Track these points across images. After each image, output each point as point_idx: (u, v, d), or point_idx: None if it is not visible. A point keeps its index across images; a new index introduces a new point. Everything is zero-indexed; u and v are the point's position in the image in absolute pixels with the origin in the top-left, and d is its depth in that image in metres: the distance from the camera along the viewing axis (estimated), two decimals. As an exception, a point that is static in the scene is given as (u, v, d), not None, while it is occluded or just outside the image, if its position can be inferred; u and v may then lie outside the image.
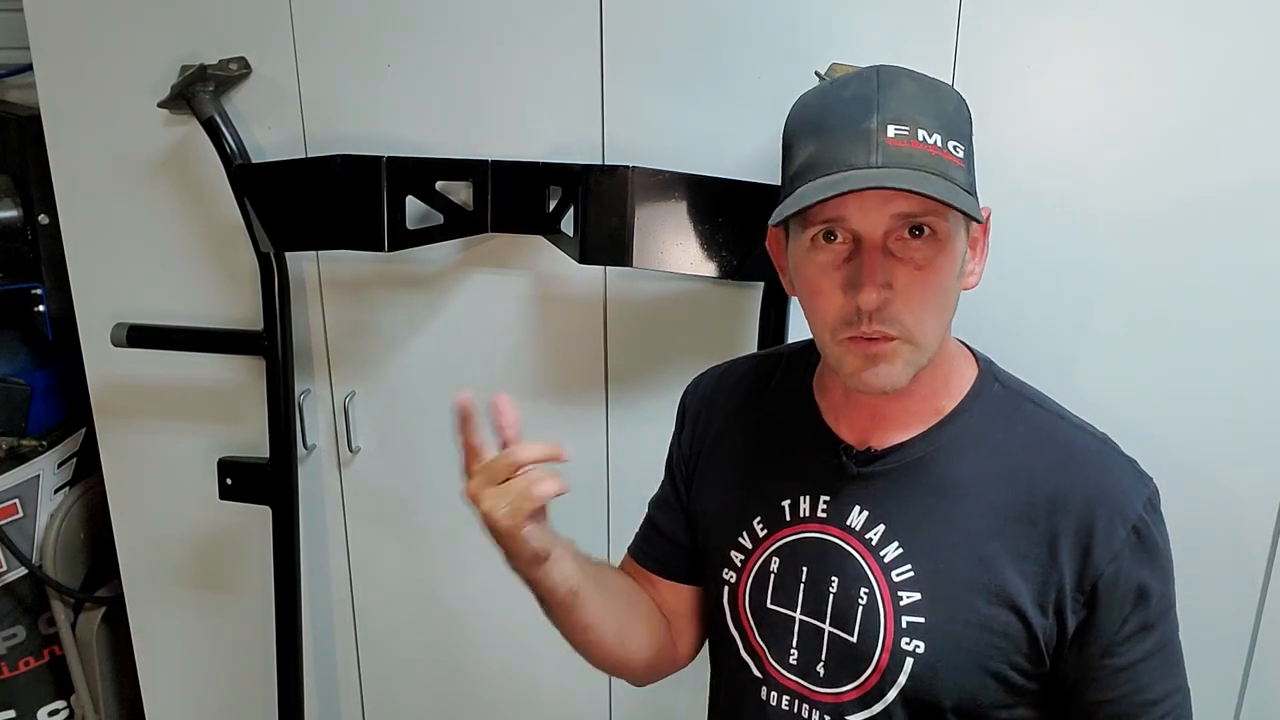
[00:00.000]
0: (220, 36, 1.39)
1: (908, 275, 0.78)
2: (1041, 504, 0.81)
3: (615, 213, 1.24)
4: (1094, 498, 0.81)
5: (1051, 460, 0.84)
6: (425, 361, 1.48)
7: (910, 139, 0.76)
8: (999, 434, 0.86)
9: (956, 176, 0.77)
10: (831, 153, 0.78)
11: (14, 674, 1.77)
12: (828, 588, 0.87)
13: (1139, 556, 0.80)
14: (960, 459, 0.85)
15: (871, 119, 0.77)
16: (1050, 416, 0.87)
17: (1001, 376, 0.90)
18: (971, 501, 0.83)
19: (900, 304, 0.78)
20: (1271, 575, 1.25)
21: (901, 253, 0.78)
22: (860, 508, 0.87)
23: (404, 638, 1.65)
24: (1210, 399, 1.21)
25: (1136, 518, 0.80)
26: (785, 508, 0.91)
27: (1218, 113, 1.13)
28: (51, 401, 1.72)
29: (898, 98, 0.78)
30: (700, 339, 1.37)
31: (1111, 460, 0.85)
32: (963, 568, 0.82)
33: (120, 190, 1.50)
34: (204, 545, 1.67)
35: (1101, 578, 0.80)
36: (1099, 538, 0.80)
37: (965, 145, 0.80)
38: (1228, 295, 1.18)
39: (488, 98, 1.34)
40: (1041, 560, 0.81)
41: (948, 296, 0.81)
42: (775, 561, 0.91)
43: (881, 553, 0.85)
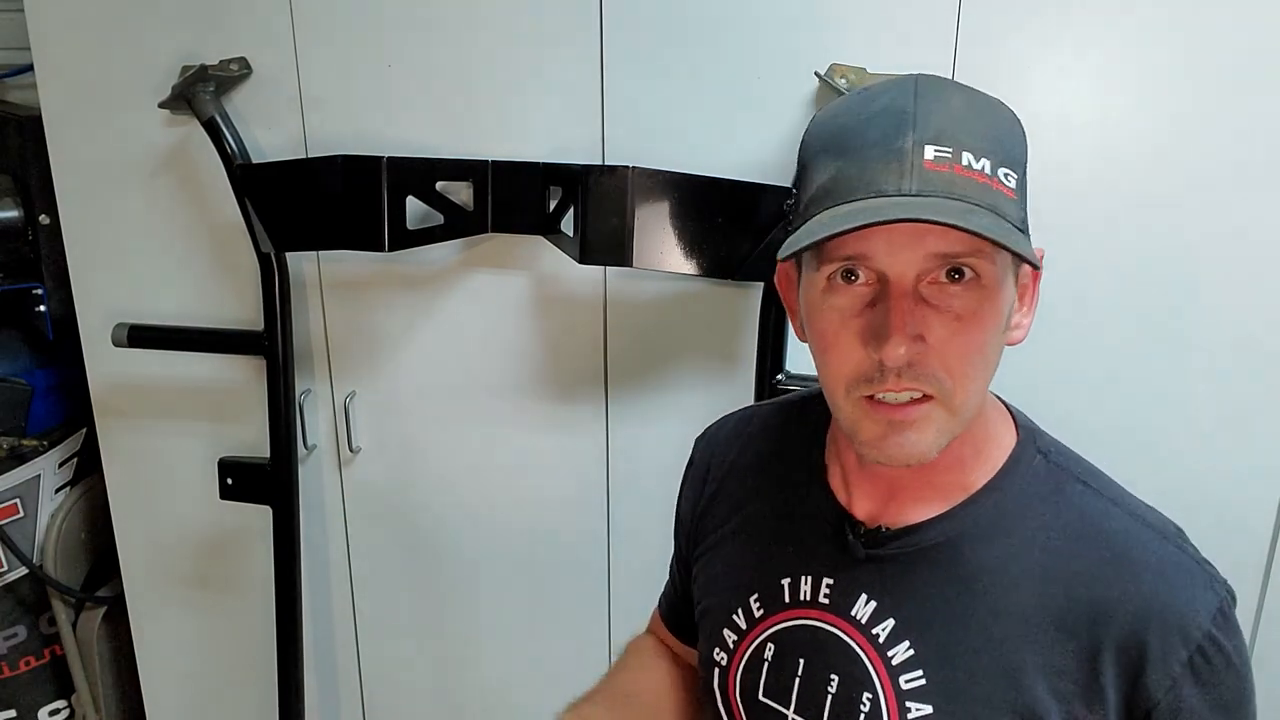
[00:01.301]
0: (220, 36, 1.39)
1: (945, 326, 0.64)
2: (1083, 611, 0.67)
3: (615, 213, 1.24)
4: (1148, 609, 0.66)
5: (1098, 558, 0.69)
6: (425, 361, 1.48)
7: (953, 163, 0.63)
8: (1036, 519, 0.71)
9: (1007, 211, 0.63)
10: (856, 176, 0.64)
11: (15, 673, 1.77)
12: (826, 687, 0.75)
13: (1206, 685, 0.66)
14: (988, 546, 0.71)
15: (907, 137, 0.63)
16: (1101, 501, 0.72)
17: (1045, 446, 0.75)
18: (999, 599, 0.70)
19: (935, 360, 0.65)
20: (1271, 575, 1.25)
21: (937, 300, 0.65)
22: (868, 596, 0.74)
23: (404, 637, 1.65)
24: (1210, 398, 1.21)
25: (1203, 636, 0.66)
26: (784, 587, 0.78)
27: (1218, 112, 1.13)
28: (52, 401, 1.72)
29: (940, 113, 0.64)
30: (700, 339, 1.37)
31: (1172, 561, 0.69)
32: (984, 679, 0.69)
33: (121, 190, 1.50)
34: (204, 545, 1.67)
35: (1155, 709, 0.66)
36: (1153, 659, 0.65)
37: (1019, 175, 0.66)
38: (1228, 295, 1.18)
39: (488, 98, 1.34)
40: (1081, 681, 0.67)
41: (991, 355, 0.67)
42: (770, 648, 0.78)
43: (889, 653, 0.72)
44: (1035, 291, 0.73)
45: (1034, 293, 0.73)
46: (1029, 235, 0.67)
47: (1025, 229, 0.66)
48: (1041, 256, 0.69)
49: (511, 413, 1.47)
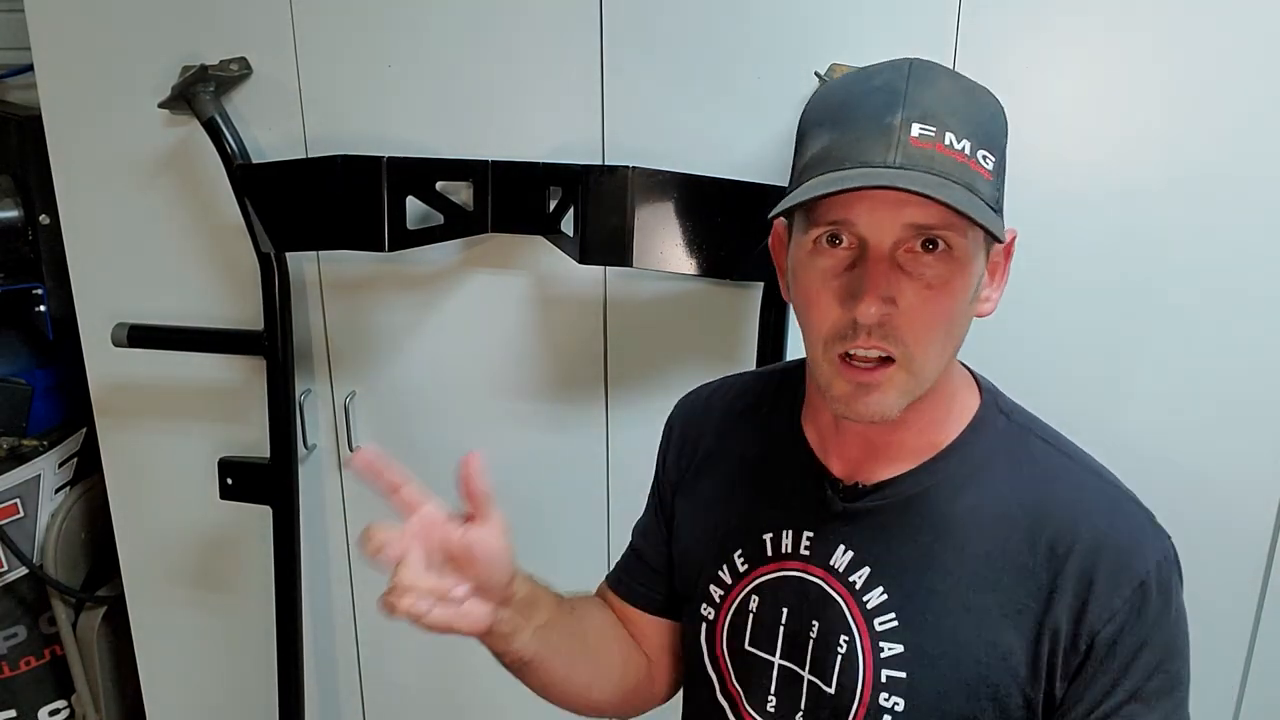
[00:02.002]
0: (220, 36, 1.39)
1: (915, 293, 0.69)
2: (1042, 550, 0.74)
3: (615, 213, 1.24)
4: (1098, 547, 0.73)
5: (1055, 503, 0.75)
6: (425, 361, 1.48)
7: (936, 141, 0.68)
8: (1000, 472, 0.78)
9: (983, 190, 0.69)
10: (847, 146, 0.69)
11: (15, 673, 1.78)
12: (808, 632, 0.80)
13: (1144, 618, 0.72)
14: (955, 498, 0.77)
15: (897, 114, 0.68)
16: (1059, 456, 0.79)
17: (1007, 408, 0.82)
18: (965, 545, 0.76)
19: (903, 323, 0.70)
20: (1271, 575, 1.25)
21: (911, 267, 0.70)
22: (845, 547, 0.79)
23: (404, 638, 1.64)
24: (1210, 398, 1.21)
25: (1145, 574, 0.72)
26: (767, 542, 0.83)
27: (1219, 110, 1.13)
28: (52, 401, 1.72)
29: (930, 94, 0.69)
30: (700, 339, 1.37)
31: (1122, 507, 0.77)
32: (951, 618, 0.75)
33: (121, 190, 1.50)
34: (204, 545, 1.67)
35: (1098, 636, 0.72)
36: (1099, 592, 0.72)
37: (997, 157, 0.71)
38: (1227, 295, 1.18)
39: (488, 98, 1.34)
40: (1036, 613, 0.73)
41: (957, 322, 0.73)
42: (754, 600, 0.83)
43: (865, 598, 0.78)
44: (1006, 269, 0.78)
45: (1004, 270, 0.78)
46: (1001, 214, 0.72)
47: (998, 208, 0.71)
48: (1014, 238, 0.77)
49: (511, 413, 1.47)
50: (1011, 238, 0.77)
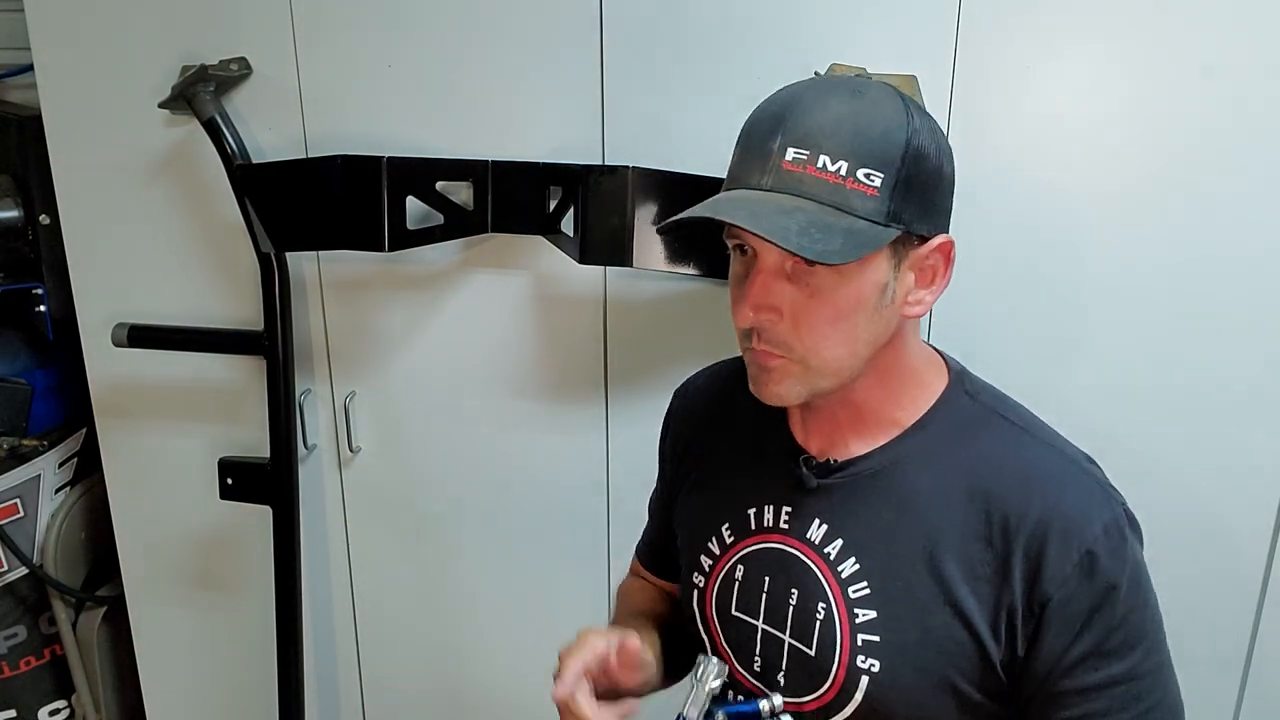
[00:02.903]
0: (220, 36, 1.39)
1: (800, 300, 0.77)
2: (998, 523, 0.79)
3: (615, 213, 1.24)
4: (1047, 518, 0.78)
5: (1010, 478, 0.81)
6: (425, 361, 1.48)
7: (809, 164, 0.74)
8: (960, 449, 0.83)
9: (858, 206, 0.74)
10: (737, 167, 0.79)
11: (15, 673, 1.78)
12: (788, 599, 0.86)
13: (1093, 582, 0.77)
14: (920, 473, 0.83)
15: (776, 139, 0.76)
16: (1016, 431, 0.84)
17: (973, 388, 0.87)
18: (929, 517, 0.82)
19: (788, 328, 0.77)
20: (1271, 575, 1.25)
21: (798, 277, 0.77)
22: (820, 521, 0.86)
23: (404, 638, 1.65)
24: (1211, 399, 1.21)
25: (1092, 540, 0.77)
26: (750, 516, 0.90)
27: (1218, 111, 1.13)
28: (52, 401, 1.72)
29: (811, 118, 0.75)
30: (700, 339, 1.36)
31: (1073, 479, 0.81)
32: (918, 585, 0.81)
33: (121, 190, 1.50)
34: (204, 545, 1.67)
35: (1050, 601, 0.77)
36: (1049, 560, 0.77)
37: (888, 173, 0.74)
38: (1226, 296, 1.18)
39: (488, 98, 1.34)
40: (995, 582, 0.79)
41: (851, 326, 0.78)
42: (740, 569, 0.90)
43: (839, 568, 0.84)
44: (946, 273, 0.81)
45: (944, 273, 0.81)
46: (904, 223, 0.76)
47: (891, 220, 0.75)
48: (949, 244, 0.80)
49: (512, 413, 1.47)
50: (944, 243, 0.80)
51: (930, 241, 0.79)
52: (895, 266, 0.78)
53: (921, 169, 0.76)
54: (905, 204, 0.76)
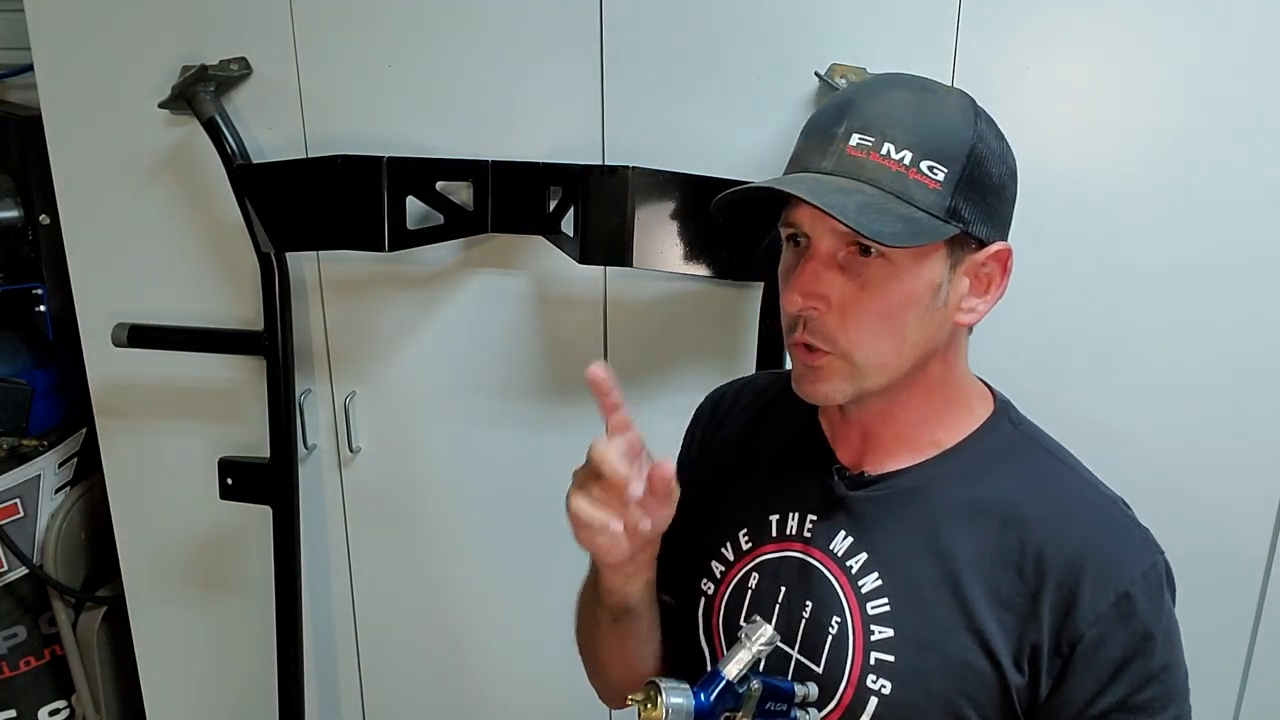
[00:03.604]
0: (220, 36, 1.39)
1: (849, 291, 0.75)
2: (1031, 553, 0.76)
3: (615, 213, 1.24)
4: (1085, 554, 0.75)
5: (1048, 509, 0.78)
6: (425, 361, 1.48)
7: (873, 150, 0.73)
8: (1000, 473, 0.81)
9: (919, 197, 0.72)
10: (799, 153, 0.78)
11: (15, 673, 1.77)
12: (801, 612, 0.83)
13: (1128, 626, 0.74)
14: (954, 495, 0.80)
15: (842, 124, 0.74)
16: (1059, 465, 0.82)
17: (1017, 419, 0.85)
18: (958, 539, 0.79)
19: (834, 320, 0.75)
20: (1271, 575, 1.25)
21: (851, 267, 0.75)
22: (845, 533, 0.83)
23: (404, 637, 1.65)
24: (1211, 399, 1.21)
25: (1130, 583, 0.74)
26: (773, 523, 0.87)
27: (1218, 113, 1.13)
28: (52, 401, 1.72)
29: (877, 107, 0.75)
30: (700, 339, 1.37)
31: (1113, 519, 0.79)
32: (940, 608, 0.78)
33: (121, 190, 1.50)
34: (204, 545, 1.67)
35: (1081, 641, 0.74)
36: (1083, 597, 0.74)
37: (952, 168, 0.73)
38: (1226, 296, 1.18)
39: (488, 98, 1.34)
40: (1023, 612, 0.76)
41: (900, 324, 0.76)
42: (755, 577, 0.87)
43: (860, 582, 0.81)
44: (1002, 282, 0.79)
45: (1000, 283, 0.79)
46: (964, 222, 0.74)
47: (950, 217, 0.73)
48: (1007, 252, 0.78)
49: (512, 413, 1.47)
50: (1001, 250, 0.78)
51: (988, 247, 0.77)
52: (951, 268, 0.76)
53: (984, 171, 0.75)
54: (966, 203, 0.74)
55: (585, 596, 0.94)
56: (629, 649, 0.92)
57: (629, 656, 0.93)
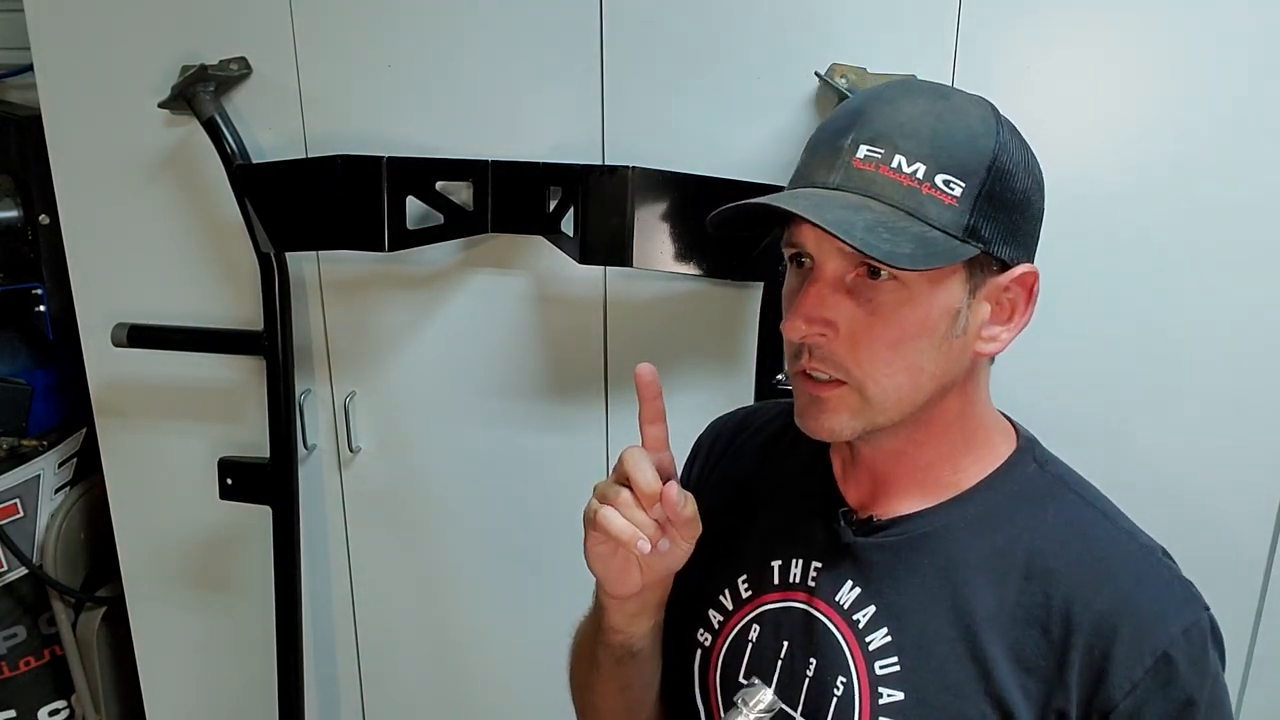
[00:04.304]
0: (220, 36, 1.39)
1: (859, 317, 0.68)
2: (1058, 609, 0.69)
3: (615, 213, 1.24)
4: (1119, 612, 0.68)
5: (1077, 559, 0.71)
6: (425, 361, 1.48)
7: (882, 163, 0.66)
8: (1023, 520, 0.73)
9: (932, 214, 0.66)
10: (804, 167, 0.71)
11: (14, 674, 1.77)
12: (805, 670, 0.76)
13: (1167, 694, 0.66)
14: (973, 542, 0.73)
15: (849, 136, 0.68)
16: (1090, 511, 0.74)
17: (1042, 457, 0.78)
18: (978, 592, 0.71)
19: (844, 347, 0.69)
20: (1271, 575, 1.25)
21: (859, 291, 0.68)
22: (853, 583, 0.76)
23: (404, 637, 1.65)
24: (1211, 399, 1.21)
25: (1169, 643, 0.67)
26: (775, 569, 0.80)
27: (1219, 112, 1.13)
28: (52, 401, 1.72)
29: (888, 117, 0.68)
30: (700, 339, 1.37)
31: (1151, 571, 0.71)
32: (956, 668, 0.71)
33: (120, 190, 1.50)
34: (204, 545, 1.67)
35: (1114, 711, 0.66)
36: (1117, 660, 0.67)
37: (970, 183, 0.67)
38: (1227, 295, 1.18)
39: (488, 98, 1.34)
40: (1048, 676, 0.69)
41: (914, 353, 0.69)
42: (755, 630, 0.80)
43: (868, 639, 0.74)
44: (1026, 310, 0.73)
45: (1025, 309, 0.73)
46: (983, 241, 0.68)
47: (964, 236, 0.67)
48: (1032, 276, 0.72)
49: (512, 413, 1.47)
50: (1026, 273, 0.71)
51: (1011, 270, 0.70)
52: (970, 292, 0.69)
53: (1007, 186, 0.68)
54: (986, 221, 0.67)
55: (584, 635, 0.87)
56: (632, 697, 0.86)
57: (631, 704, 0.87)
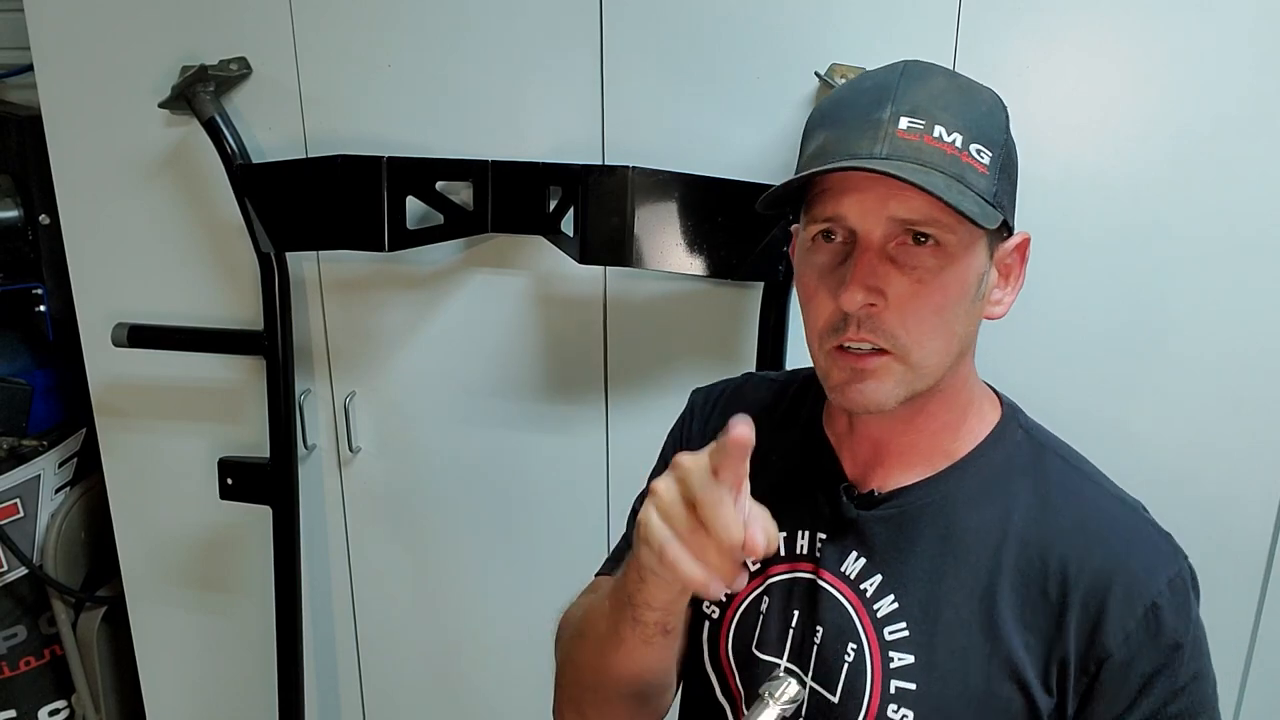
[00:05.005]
0: (220, 36, 1.39)
1: (905, 285, 0.71)
2: (1054, 571, 0.73)
3: (615, 213, 1.24)
4: (1111, 569, 0.72)
5: (1069, 523, 0.75)
6: (425, 361, 1.48)
7: (925, 134, 0.69)
8: (1016, 487, 0.77)
9: (974, 182, 0.70)
10: (838, 142, 0.71)
11: (14, 674, 1.77)
12: (813, 638, 0.79)
13: (1157, 641, 0.71)
14: (972, 510, 0.77)
15: (886, 108, 0.70)
16: (1075, 474, 0.79)
17: (1026, 424, 0.82)
18: (980, 559, 0.75)
19: (894, 316, 0.71)
20: (1271, 575, 1.25)
21: (903, 259, 0.71)
22: (857, 554, 0.79)
23: (404, 637, 1.65)
24: (1211, 398, 1.21)
25: (1157, 594, 0.71)
26: (781, 540, 0.82)
27: (1220, 111, 1.13)
28: (52, 401, 1.72)
29: (920, 90, 0.71)
30: (700, 339, 1.37)
31: (1136, 530, 0.76)
32: (964, 632, 0.74)
33: (120, 190, 1.50)
34: (204, 545, 1.67)
35: (1109, 660, 0.71)
36: (1110, 615, 0.71)
37: (995, 152, 0.72)
38: (1227, 295, 1.18)
39: (488, 98, 1.34)
40: (1048, 633, 0.73)
41: (953, 318, 0.73)
42: (765, 601, 0.82)
43: (875, 606, 0.77)
44: (1021, 273, 0.78)
45: (1020, 273, 0.78)
46: (1003, 209, 0.72)
47: (996, 203, 0.71)
48: (1026, 240, 0.78)
49: (511, 413, 1.47)
50: (1023, 240, 0.77)
51: (1014, 236, 0.76)
52: (990, 257, 0.75)
53: (1012, 157, 0.74)
54: (1004, 188, 0.73)
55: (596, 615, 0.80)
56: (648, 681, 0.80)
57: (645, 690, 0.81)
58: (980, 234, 0.72)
